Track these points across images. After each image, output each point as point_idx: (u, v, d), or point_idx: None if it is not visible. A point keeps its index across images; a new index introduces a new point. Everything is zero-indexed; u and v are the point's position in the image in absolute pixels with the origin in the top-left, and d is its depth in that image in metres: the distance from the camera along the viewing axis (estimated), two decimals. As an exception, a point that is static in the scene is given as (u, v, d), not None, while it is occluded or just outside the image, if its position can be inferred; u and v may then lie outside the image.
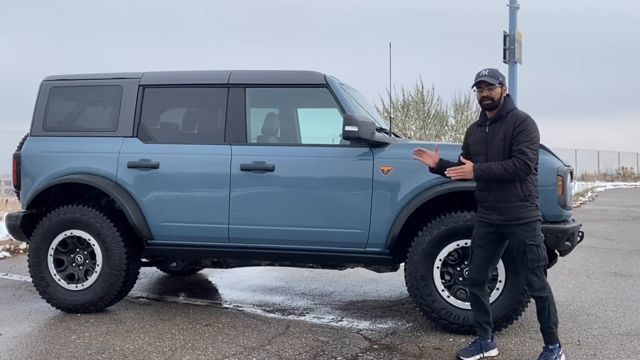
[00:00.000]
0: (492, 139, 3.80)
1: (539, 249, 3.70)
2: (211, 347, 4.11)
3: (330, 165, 4.67)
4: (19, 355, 3.96)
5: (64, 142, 5.14)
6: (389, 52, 5.05)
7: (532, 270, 3.71)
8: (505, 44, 16.13)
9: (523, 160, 3.62)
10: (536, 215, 3.74)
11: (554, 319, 3.73)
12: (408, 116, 22.29)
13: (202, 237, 4.84)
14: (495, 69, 3.86)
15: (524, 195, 3.71)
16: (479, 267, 3.91)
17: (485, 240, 3.88)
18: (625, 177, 35.32)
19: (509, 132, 3.73)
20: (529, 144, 3.66)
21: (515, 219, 3.72)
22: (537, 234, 3.73)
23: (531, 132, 3.69)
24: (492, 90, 3.79)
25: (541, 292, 3.71)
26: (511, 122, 3.75)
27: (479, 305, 3.98)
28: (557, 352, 3.74)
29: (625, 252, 8.38)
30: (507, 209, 3.73)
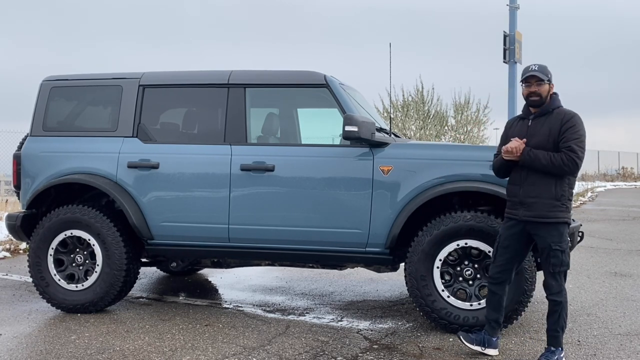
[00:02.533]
0: (535, 133, 3.74)
1: (563, 255, 3.66)
2: (211, 347, 4.11)
3: (330, 165, 4.67)
4: (19, 355, 3.96)
5: (64, 142, 5.14)
6: (388, 53, 5.05)
7: (552, 275, 3.68)
8: (505, 44, 16.13)
9: (571, 157, 3.56)
10: (565, 217, 3.66)
11: (563, 324, 3.71)
12: (408, 116, 22.30)
13: (202, 237, 4.84)
14: (544, 65, 3.80)
15: (556, 193, 3.65)
16: (502, 267, 3.88)
17: (510, 241, 3.83)
18: (625, 177, 35.33)
19: (555, 128, 3.67)
20: (578, 141, 3.60)
21: (542, 217, 3.66)
22: (564, 238, 3.67)
23: (579, 130, 3.64)
24: (541, 86, 3.75)
25: (557, 297, 3.68)
26: (558, 118, 3.69)
27: (495, 303, 3.94)
28: (558, 354, 3.73)
29: (625, 252, 8.38)
30: (535, 205, 3.67)
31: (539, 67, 3.77)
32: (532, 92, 3.76)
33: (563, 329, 3.73)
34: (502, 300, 3.94)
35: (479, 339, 3.96)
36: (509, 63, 16.16)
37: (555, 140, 3.66)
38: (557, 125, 3.67)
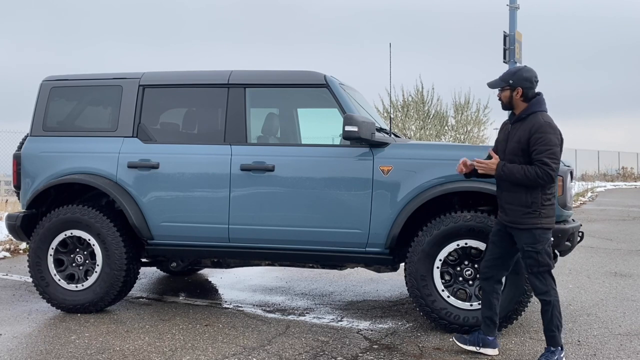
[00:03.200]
0: (511, 139, 3.80)
1: (538, 255, 3.69)
2: (211, 347, 4.11)
3: (330, 165, 4.67)
4: (19, 355, 3.96)
5: (64, 142, 5.14)
6: (388, 53, 5.05)
7: (533, 274, 3.73)
8: (505, 44, 16.14)
9: (545, 171, 3.59)
10: (536, 223, 3.70)
11: (557, 323, 3.72)
12: (408, 116, 22.30)
13: (202, 237, 4.84)
14: (514, 70, 3.84)
15: (527, 201, 3.70)
16: (489, 262, 3.94)
17: (497, 237, 3.91)
18: (625, 177, 35.32)
19: (524, 137, 3.69)
20: (549, 153, 3.61)
21: (515, 222, 3.74)
22: (538, 240, 3.70)
23: (550, 141, 3.62)
24: (502, 92, 3.83)
25: (545, 296, 3.71)
26: (528, 126, 3.70)
27: (486, 300, 3.98)
28: (558, 353, 3.73)
29: (625, 252, 8.38)
30: (510, 211, 3.76)
31: (503, 74, 3.87)
32: (497, 97, 3.89)
33: (559, 328, 3.73)
34: (491, 297, 3.96)
35: (472, 339, 3.98)
36: (509, 63, 16.15)
37: (524, 149, 3.69)
38: (526, 134, 3.69)
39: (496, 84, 3.85)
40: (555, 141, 3.66)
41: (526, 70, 3.81)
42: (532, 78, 3.78)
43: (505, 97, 3.82)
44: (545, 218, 3.72)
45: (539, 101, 3.78)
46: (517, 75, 3.77)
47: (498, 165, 3.73)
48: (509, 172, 3.67)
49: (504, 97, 3.82)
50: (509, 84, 3.78)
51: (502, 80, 3.81)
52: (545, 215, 3.72)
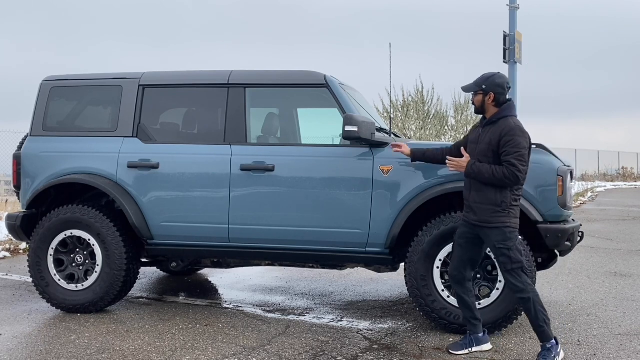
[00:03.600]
0: (482, 141, 3.92)
1: (510, 252, 3.78)
2: (211, 347, 4.11)
3: (330, 165, 4.67)
4: (19, 355, 3.96)
5: (64, 142, 5.14)
6: (388, 53, 5.05)
7: (508, 272, 3.81)
8: (505, 44, 16.12)
9: (512, 172, 3.73)
10: (506, 222, 3.80)
11: (543, 317, 3.77)
12: (408, 116, 22.28)
13: (202, 237, 4.84)
14: (487, 76, 3.97)
15: (496, 200, 3.81)
16: (456, 264, 4.04)
17: (464, 240, 4.00)
18: (625, 177, 35.31)
19: (495, 139, 3.83)
20: (517, 155, 3.73)
21: (485, 222, 3.83)
22: (509, 238, 3.80)
23: (519, 143, 3.76)
24: (475, 97, 3.99)
25: (522, 294, 3.78)
26: (499, 129, 3.84)
27: (462, 301, 4.09)
28: (555, 349, 3.76)
29: (625, 252, 8.38)
30: (480, 210, 3.85)
31: (477, 79, 3.99)
32: (472, 102, 4.05)
33: (546, 322, 3.79)
34: (467, 298, 4.06)
35: (465, 342, 4.04)
36: (509, 63, 16.15)
37: (495, 151, 3.82)
38: (496, 137, 3.82)
39: (470, 88, 4.00)
40: (524, 144, 3.79)
41: (499, 76, 3.96)
42: (504, 84, 3.93)
43: (478, 102, 3.99)
44: (513, 218, 3.83)
45: (510, 107, 3.94)
46: (490, 81, 3.92)
47: (468, 163, 3.87)
48: (478, 171, 3.81)
49: (477, 101, 3.99)
50: (482, 88, 3.93)
51: (476, 85, 3.96)
52: (513, 216, 3.84)
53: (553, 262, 4.87)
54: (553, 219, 4.39)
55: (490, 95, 3.91)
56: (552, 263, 4.87)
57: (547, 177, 4.37)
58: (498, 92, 3.91)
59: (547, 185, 4.37)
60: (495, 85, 3.90)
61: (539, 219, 4.36)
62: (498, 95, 3.91)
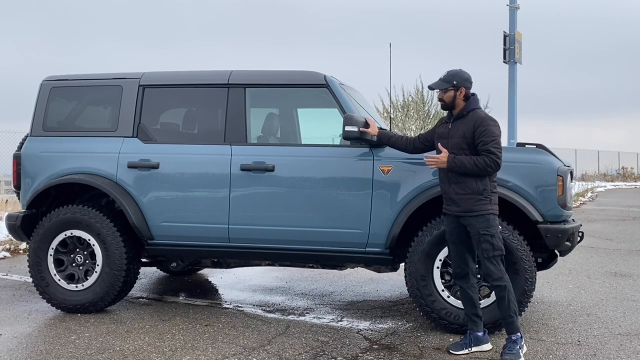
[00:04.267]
0: (453, 135, 4.00)
1: (493, 239, 3.87)
2: (211, 347, 4.11)
3: (330, 166, 4.67)
4: (19, 355, 3.96)
5: (64, 142, 5.14)
6: (388, 53, 5.05)
7: (488, 259, 3.88)
8: (505, 44, 16.12)
9: (493, 159, 3.83)
10: (489, 208, 3.90)
11: (514, 308, 3.87)
12: (408, 116, 22.27)
13: (202, 237, 4.84)
14: (455, 72, 4.05)
15: (478, 189, 3.90)
16: (457, 261, 4.09)
17: (455, 236, 4.06)
18: (625, 177, 35.31)
19: (469, 131, 3.93)
20: (494, 143, 3.85)
21: (469, 211, 3.91)
22: (491, 224, 3.89)
23: (493, 132, 3.89)
24: (445, 93, 4.04)
25: (499, 282, 3.87)
26: (471, 121, 3.94)
27: (466, 297, 4.11)
28: (520, 342, 3.85)
29: (625, 252, 8.38)
30: (463, 201, 3.94)
31: (445, 75, 4.06)
32: (438, 98, 4.11)
33: (516, 313, 3.88)
34: (471, 293, 4.09)
35: (465, 342, 4.06)
36: (509, 63, 16.16)
37: (469, 142, 3.92)
38: (470, 129, 3.92)
39: (440, 85, 4.06)
40: (498, 132, 3.91)
41: (464, 72, 4.08)
42: (470, 79, 4.08)
43: (448, 97, 4.05)
44: (494, 205, 3.94)
45: (475, 100, 4.07)
46: (459, 76, 4.03)
47: (449, 158, 3.93)
48: (460, 164, 3.89)
49: (447, 97, 4.05)
50: (453, 84, 4.01)
51: (446, 81, 4.04)
52: (494, 202, 3.95)
53: (553, 262, 4.87)
54: (553, 219, 4.39)
55: (461, 90, 4.01)
56: (552, 263, 4.88)
57: (547, 177, 4.37)
58: (467, 86, 4.04)
59: (547, 185, 4.37)
60: (464, 80, 4.02)
61: (539, 219, 4.36)
62: (467, 89, 4.03)
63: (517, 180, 4.37)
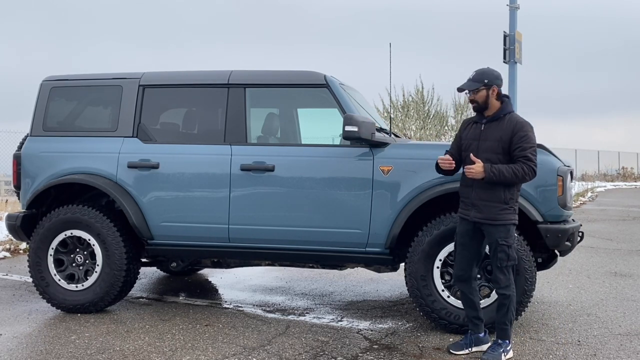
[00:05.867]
0: (486, 138, 3.87)
1: (509, 249, 3.82)
2: (211, 347, 4.11)
3: (330, 166, 4.67)
4: (19, 355, 3.96)
5: (64, 142, 5.14)
6: (388, 53, 5.05)
7: (500, 269, 3.85)
8: (505, 44, 16.13)
9: (531, 167, 3.73)
10: (512, 218, 3.85)
11: (511, 317, 3.87)
12: (408, 116, 22.28)
13: (202, 237, 4.84)
14: (483, 70, 3.92)
15: (505, 198, 3.81)
16: (462, 264, 4.03)
17: (466, 239, 3.98)
18: (625, 177, 35.32)
19: (506, 135, 3.79)
20: (532, 150, 3.76)
21: (491, 219, 3.82)
22: (511, 235, 3.85)
23: (532, 139, 3.80)
24: (477, 93, 3.90)
25: (506, 290, 3.85)
26: (510, 125, 3.81)
27: (467, 301, 4.08)
28: (505, 346, 3.85)
29: (625, 252, 8.38)
30: (486, 208, 3.83)
31: (474, 75, 3.92)
32: (470, 100, 3.95)
33: (511, 322, 3.89)
34: (473, 297, 4.07)
35: (466, 342, 4.06)
36: (509, 63, 16.16)
37: (505, 147, 3.80)
38: (508, 133, 3.79)
39: (470, 86, 3.90)
40: (535, 139, 3.82)
41: (493, 69, 3.95)
42: (501, 76, 3.95)
43: (481, 98, 3.89)
44: (515, 214, 3.87)
45: (510, 103, 3.94)
46: (489, 74, 3.89)
47: (485, 168, 3.75)
48: (499, 173, 3.73)
49: (480, 98, 3.89)
50: (484, 83, 3.86)
51: (476, 81, 3.89)
52: (515, 211, 3.87)
53: (553, 262, 4.87)
54: (553, 219, 4.39)
55: (493, 88, 3.86)
56: (552, 263, 4.88)
57: (547, 177, 4.37)
58: (499, 84, 3.89)
59: (547, 185, 4.37)
60: (495, 78, 3.89)
61: (539, 219, 4.36)
62: (500, 88, 3.89)
63: (517, 180, 4.36)
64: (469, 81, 3.91)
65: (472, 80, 3.90)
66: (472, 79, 3.91)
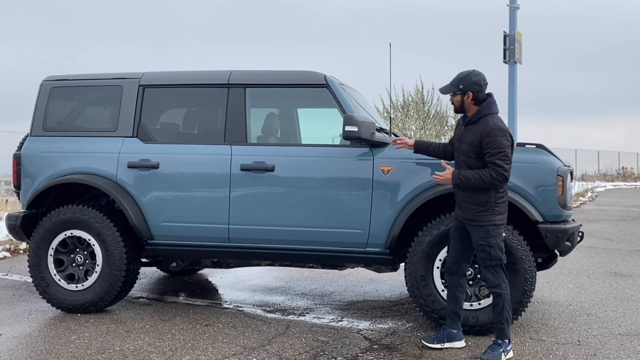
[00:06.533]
0: (464, 140, 3.98)
1: (491, 249, 3.87)
2: (211, 347, 4.11)
3: (330, 166, 4.67)
4: (19, 355, 3.96)
5: (64, 142, 5.14)
6: (388, 53, 5.04)
7: (486, 268, 3.91)
8: (505, 44, 16.13)
9: (499, 172, 3.78)
10: (491, 220, 3.88)
11: (507, 316, 3.89)
12: (408, 116, 22.29)
13: (202, 237, 4.84)
14: (464, 75, 3.98)
15: (481, 201, 3.89)
16: (453, 257, 4.13)
17: (457, 233, 4.08)
18: (625, 177, 35.30)
19: (476, 140, 3.88)
20: (501, 155, 3.78)
21: (471, 220, 3.92)
22: (491, 235, 3.87)
23: (501, 144, 3.80)
24: (454, 97, 4.01)
25: (495, 289, 3.91)
26: (480, 130, 3.88)
27: (451, 294, 4.15)
28: (504, 346, 3.87)
29: (625, 252, 8.38)
30: (466, 209, 3.94)
31: (453, 79, 4.01)
32: (451, 102, 4.07)
33: (508, 321, 3.90)
34: (457, 292, 4.13)
35: (438, 336, 4.12)
36: (509, 63, 16.16)
37: (476, 151, 3.88)
38: (478, 137, 3.87)
39: (447, 90, 4.03)
40: (506, 143, 3.83)
41: (475, 74, 3.97)
42: (480, 82, 3.95)
43: (457, 102, 4.01)
44: (498, 215, 3.90)
45: (489, 104, 3.95)
46: (466, 80, 3.94)
47: (453, 174, 3.92)
48: (466, 179, 3.86)
49: (456, 102, 4.02)
50: (459, 88, 3.96)
51: (453, 85, 3.99)
52: (498, 213, 3.91)
53: (553, 262, 4.87)
54: (553, 219, 4.39)
55: (468, 94, 3.95)
56: (552, 263, 4.88)
57: (547, 177, 4.37)
58: (475, 90, 3.93)
59: (547, 185, 4.37)
60: (471, 84, 3.94)
61: (539, 219, 4.36)
62: (476, 93, 3.94)
63: (517, 180, 4.36)
64: (449, 84, 4.04)
65: (451, 84, 4.02)
66: (451, 82, 4.03)
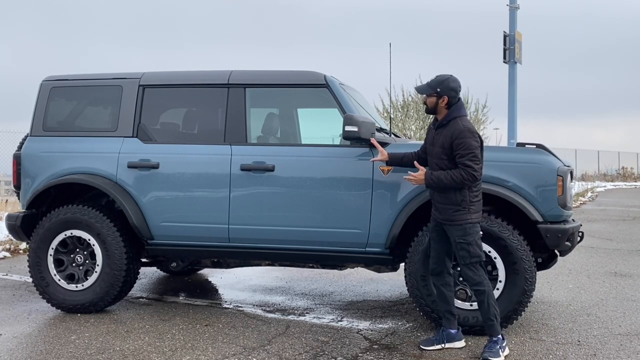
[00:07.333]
0: (435, 143, 4.05)
1: (470, 247, 3.92)
2: (211, 347, 4.11)
3: (330, 166, 4.67)
4: (19, 355, 3.96)
5: (64, 142, 5.14)
6: (388, 53, 5.04)
7: (466, 266, 3.95)
8: (505, 44, 16.13)
9: (469, 172, 3.85)
10: (467, 218, 3.93)
11: (494, 312, 3.92)
12: (408, 116, 22.30)
13: (202, 237, 4.84)
14: (442, 79, 4.04)
15: (457, 200, 3.93)
16: (435, 258, 4.16)
17: (435, 234, 4.12)
18: (625, 177, 35.30)
19: (447, 142, 3.95)
20: (471, 156, 3.86)
21: (447, 220, 3.97)
22: (468, 233, 3.93)
23: (470, 145, 3.88)
24: (428, 98, 4.08)
25: (477, 286, 3.94)
26: (450, 132, 3.96)
27: (440, 294, 4.18)
28: (500, 342, 3.89)
29: (625, 252, 8.38)
30: (443, 209, 3.99)
31: (431, 80, 4.08)
32: (422, 102, 4.16)
33: (497, 317, 3.93)
34: (445, 291, 4.16)
35: (437, 338, 4.12)
36: (509, 63, 16.16)
37: (448, 153, 3.96)
38: (448, 140, 3.95)
39: (424, 90, 4.09)
40: (475, 144, 3.90)
41: (452, 80, 4.05)
42: (457, 88, 4.05)
43: (431, 103, 4.07)
44: (474, 213, 3.96)
45: (458, 107, 4.04)
46: (444, 85, 4.01)
47: (426, 175, 4.00)
48: (437, 180, 3.94)
49: (430, 103, 4.08)
50: (436, 91, 4.02)
51: (430, 87, 4.05)
52: (474, 211, 3.96)
53: (553, 262, 4.87)
54: (553, 219, 4.39)
55: (444, 98, 4.01)
56: (552, 263, 4.88)
57: (547, 177, 4.37)
58: (452, 95, 4.02)
59: (547, 185, 4.37)
60: (449, 89, 4.01)
61: (539, 219, 4.35)
62: (451, 98, 4.02)
63: (517, 180, 4.37)
64: (426, 85, 4.09)
65: (428, 85, 4.07)
66: (429, 83, 4.08)
